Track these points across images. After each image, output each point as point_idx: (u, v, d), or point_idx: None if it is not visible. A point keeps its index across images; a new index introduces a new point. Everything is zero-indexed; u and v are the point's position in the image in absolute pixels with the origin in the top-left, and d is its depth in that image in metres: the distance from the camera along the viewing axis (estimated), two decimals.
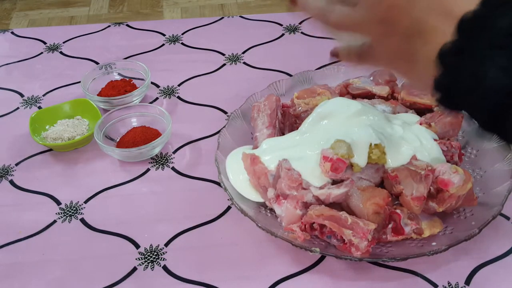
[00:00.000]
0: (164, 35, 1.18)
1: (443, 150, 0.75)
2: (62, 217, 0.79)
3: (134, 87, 0.99)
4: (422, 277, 0.68)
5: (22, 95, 1.03)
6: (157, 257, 0.72)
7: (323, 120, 0.77)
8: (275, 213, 0.72)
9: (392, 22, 0.42)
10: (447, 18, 0.38)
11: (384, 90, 0.86)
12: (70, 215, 0.79)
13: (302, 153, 0.74)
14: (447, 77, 0.38)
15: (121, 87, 0.98)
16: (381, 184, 0.73)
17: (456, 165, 0.73)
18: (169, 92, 1.02)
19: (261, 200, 0.75)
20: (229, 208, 0.78)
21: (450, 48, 0.37)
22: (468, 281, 0.67)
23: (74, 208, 0.80)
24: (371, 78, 0.90)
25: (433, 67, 0.39)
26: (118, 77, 1.03)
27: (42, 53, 1.14)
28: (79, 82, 0.99)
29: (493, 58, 0.35)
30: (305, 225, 0.68)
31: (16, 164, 0.88)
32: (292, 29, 1.17)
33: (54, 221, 0.78)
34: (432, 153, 0.74)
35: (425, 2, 0.40)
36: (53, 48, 1.15)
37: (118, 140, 0.90)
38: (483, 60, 0.36)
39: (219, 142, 0.81)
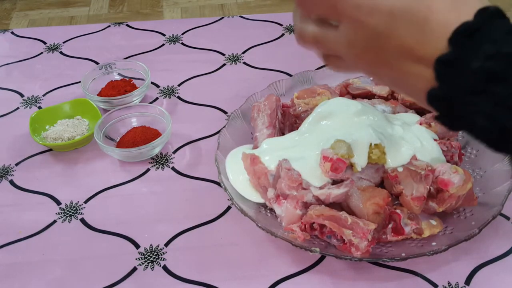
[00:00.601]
0: (164, 35, 1.18)
1: (443, 150, 0.75)
2: (62, 217, 0.79)
3: (134, 87, 0.99)
4: (422, 277, 0.68)
5: (22, 95, 1.03)
6: (157, 257, 0.72)
7: (323, 120, 0.77)
8: (275, 213, 0.72)
9: (379, 47, 0.41)
10: (421, 63, 0.38)
11: (384, 90, 0.86)
12: (70, 215, 0.79)
13: (302, 153, 0.74)
14: (443, 117, 0.38)
15: (121, 87, 0.98)
16: (381, 184, 0.73)
17: (456, 165, 0.73)
18: (169, 92, 1.02)
19: (261, 200, 0.75)
20: (229, 208, 0.78)
21: (435, 95, 0.37)
22: (468, 281, 0.68)
23: (74, 208, 0.80)
24: (371, 78, 0.90)
25: (428, 83, 0.38)
26: (118, 77, 1.03)
27: (42, 53, 1.14)
28: (79, 82, 0.99)
29: (477, 105, 0.35)
30: (305, 225, 0.68)
31: (16, 164, 0.88)
32: (292, 29, 1.17)
33: (54, 221, 0.78)
34: (432, 153, 0.74)
35: (394, 48, 0.39)
36: (53, 48, 1.15)
37: (118, 140, 0.90)
38: (469, 107, 0.35)
39: (219, 142, 0.81)
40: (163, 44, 1.15)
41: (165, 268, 0.71)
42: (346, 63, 0.45)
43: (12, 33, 1.21)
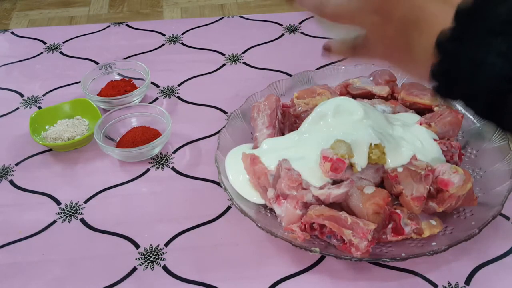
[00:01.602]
0: (164, 35, 1.18)
1: (443, 150, 0.75)
2: (62, 217, 0.79)
3: (134, 87, 0.99)
4: (422, 277, 0.68)
5: (22, 95, 1.03)
6: (157, 257, 0.72)
7: (322, 120, 0.77)
8: (275, 213, 0.72)
9: (387, 11, 0.41)
10: (444, 5, 0.38)
11: (384, 90, 0.86)
12: (70, 215, 0.79)
13: (302, 153, 0.74)
14: (445, 64, 0.38)
15: (121, 87, 0.98)
16: (381, 184, 0.73)
17: (456, 165, 0.73)
18: (169, 92, 1.02)
19: (261, 201, 0.75)
20: (229, 208, 0.78)
21: (448, 35, 0.37)
22: (468, 281, 0.67)
23: (74, 208, 0.80)
24: (371, 78, 0.90)
25: (430, 56, 0.38)
26: (118, 77, 1.03)
27: (42, 53, 1.14)
28: (79, 82, 0.99)
29: (491, 44, 0.35)
30: (305, 225, 0.68)
31: (16, 164, 0.88)
32: (292, 29, 1.17)
33: (54, 221, 0.78)
34: (432, 153, 0.74)
35: None
36: (53, 48, 1.15)
37: (118, 140, 0.90)
38: (481, 46, 0.35)
39: (219, 142, 0.81)
40: (163, 44, 1.15)
41: (165, 268, 0.71)
42: (344, 26, 0.45)
43: (12, 33, 1.21)
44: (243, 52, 1.11)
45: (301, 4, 0.50)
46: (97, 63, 1.10)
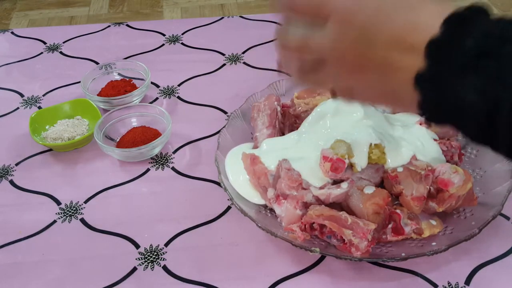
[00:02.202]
0: (164, 35, 1.18)
1: (443, 150, 0.75)
2: (62, 217, 0.79)
3: (134, 87, 0.99)
4: (422, 277, 0.68)
5: (22, 95, 1.03)
6: (157, 257, 0.72)
7: (322, 120, 0.77)
8: (275, 213, 0.72)
9: (363, 55, 0.41)
10: (411, 51, 0.38)
11: None
12: (70, 215, 0.79)
13: (302, 153, 0.74)
14: (429, 102, 0.38)
15: (121, 87, 0.98)
16: (381, 184, 0.73)
17: (456, 165, 0.73)
18: (169, 92, 1.02)
19: (261, 202, 0.75)
20: (229, 208, 0.78)
21: (423, 75, 0.38)
22: (468, 281, 0.67)
23: (74, 208, 0.80)
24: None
25: (413, 96, 0.39)
26: (118, 77, 1.03)
27: (42, 53, 1.14)
28: (79, 82, 0.99)
29: (466, 81, 0.35)
30: (305, 225, 0.68)
31: (16, 164, 0.88)
32: None
33: (54, 221, 0.78)
34: (432, 153, 0.74)
35: (383, 42, 0.39)
36: (53, 48, 1.15)
37: (118, 140, 0.90)
38: (458, 84, 0.36)
39: (219, 142, 0.81)
40: (163, 44, 1.15)
41: (165, 268, 0.71)
42: (327, 72, 0.45)
43: (12, 33, 1.21)
44: (243, 52, 1.11)
45: (280, 48, 0.49)
46: (97, 63, 1.10)
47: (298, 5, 0.46)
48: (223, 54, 1.11)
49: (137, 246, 0.74)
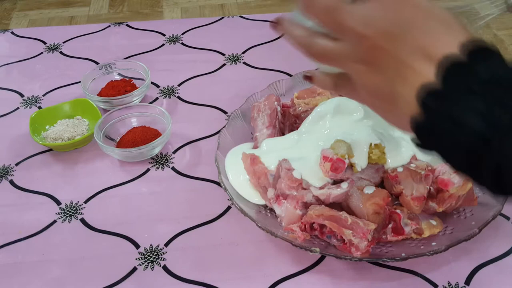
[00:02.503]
0: (164, 35, 1.18)
1: None
2: (62, 217, 0.79)
3: (134, 87, 0.99)
4: (422, 277, 0.68)
5: (22, 95, 1.03)
6: (157, 257, 0.72)
7: (322, 120, 0.77)
8: (275, 213, 0.72)
9: (374, 62, 0.42)
10: (429, 61, 0.39)
11: None
12: (70, 215, 0.79)
13: (302, 153, 0.74)
14: (425, 118, 0.39)
15: (121, 87, 0.98)
16: (381, 184, 0.73)
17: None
18: (169, 92, 1.02)
19: (261, 202, 0.75)
20: (229, 208, 0.78)
21: (429, 90, 0.38)
22: (468, 281, 0.67)
23: (74, 208, 0.80)
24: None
25: (411, 108, 0.39)
26: (118, 77, 1.03)
27: (42, 53, 1.14)
28: (79, 82, 0.99)
29: (471, 104, 0.36)
30: (305, 225, 0.68)
31: (16, 164, 0.88)
32: None
33: (54, 221, 0.78)
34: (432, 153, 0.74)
35: (409, 46, 0.40)
36: (53, 48, 1.15)
37: (118, 140, 0.90)
38: (461, 105, 0.36)
39: (219, 142, 0.81)
40: (163, 44, 1.15)
41: (165, 268, 0.71)
42: (350, 81, 0.46)
43: (12, 33, 1.21)
44: (243, 52, 1.11)
45: (288, 40, 0.50)
46: (97, 63, 1.10)
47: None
48: (223, 54, 1.11)
49: (137, 246, 0.74)
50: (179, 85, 1.03)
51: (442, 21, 0.40)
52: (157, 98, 1.01)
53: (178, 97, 1.00)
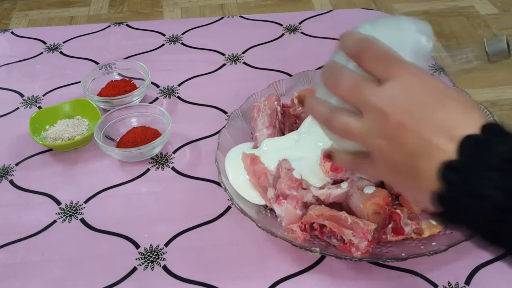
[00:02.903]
0: (164, 35, 1.18)
1: None
2: (62, 217, 0.79)
3: (134, 87, 0.99)
4: (422, 277, 0.68)
5: (22, 95, 1.03)
6: (157, 257, 0.72)
7: None
8: (275, 213, 0.72)
9: (397, 138, 0.44)
10: (450, 140, 0.41)
11: None
12: (70, 215, 0.79)
13: (302, 153, 0.74)
14: (447, 193, 0.41)
15: (121, 87, 0.98)
16: (381, 184, 0.73)
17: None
18: (169, 92, 1.02)
19: (261, 202, 0.75)
20: (229, 208, 0.78)
21: (451, 165, 0.40)
22: (468, 281, 0.67)
23: (74, 208, 0.80)
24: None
25: (433, 185, 0.41)
26: (118, 77, 1.03)
27: (42, 53, 1.14)
28: (79, 82, 0.99)
29: (490, 179, 0.39)
30: (305, 225, 0.68)
31: (16, 164, 0.88)
32: (292, 29, 1.17)
33: (54, 221, 0.78)
34: None
35: (432, 125, 0.42)
36: (53, 48, 1.15)
37: (118, 140, 0.90)
38: (481, 180, 0.39)
39: (219, 142, 0.81)
40: (163, 44, 1.15)
41: (165, 268, 0.71)
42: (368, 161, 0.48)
43: (12, 33, 1.21)
44: (243, 52, 1.11)
45: (309, 113, 0.52)
46: (97, 63, 1.10)
47: (362, 52, 0.47)
48: (223, 54, 1.11)
49: (137, 246, 0.74)
50: (179, 85, 1.03)
51: (461, 103, 0.43)
52: (157, 98, 1.01)
53: (178, 97, 1.00)
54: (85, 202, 0.81)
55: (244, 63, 1.08)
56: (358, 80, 0.46)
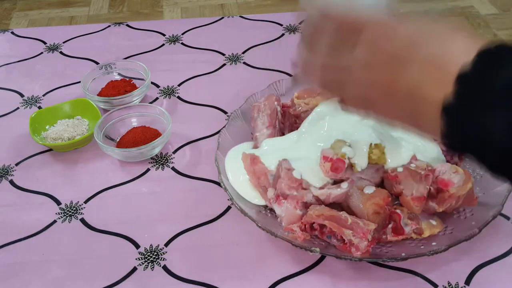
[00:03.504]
0: (164, 35, 1.18)
1: (443, 150, 0.75)
2: (62, 217, 0.79)
3: (134, 87, 0.99)
4: (422, 277, 0.68)
5: (22, 95, 1.03)
6: (157, 257, 0.72)
7: (322, 120, 0.77)
8: (275, 213, 0.72)
9: (389, 85, 0.43)
10: (441, 82, 0.39)
11: None
12: (70, 215, 0.79)
13: (302, 153, 0.74)
14: (454, 131, 0.39)
15: (121, 87, 0.98)
16: (381, 184, 0.73)
17: (456, 165, 0.73)
18: (169, 92, 1.02)
19: (261, 202, 0.75)
20: (229, 208, 0.78)
21: (451, 107, 0.39)
22: (468, 281, 0.67)
23: (74, 208, 0.80)
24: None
25: (438, 121, 0.40)
26: (118, 77, 1.03)
27: (42, 53, 1.14)
28: (79, 82, 0.99)
29: (496, 116, 0.36)
30: (305, 225, 0.68)
31: (16, 164, 0.88)
32: (292, 29, 1.17)
33: (54, 221, 0.78)
34: (432, 153, 0.74)
35: (413, 70, 0.41)
36: (53, 48, 1.15)
37: (118, 140, 0.90)
38: (486, 120, 0.37)
39: (219, 142, 0.81)
40: (163, 44, 1.15)
41: (165, 268, 0.71)
42: (351, 86, 0.47)
43: (12, 33, 1.21)
44: (243, 52, 1.11)
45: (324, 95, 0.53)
46: (97, 63, 1.10)
47: (333, 16, 0.47)
48: (223, 54, 1.11)
49: (137, 246, 0.74)
50: (179, 85, 1.03)
51: (444, 34, 0.41)
52: (157, 98, 1.01)
53: (178, 97, 1.00)
54: (85, 202, 0.81)
55: (244, 63, 1.08)
56: (328, 62, 0.46)
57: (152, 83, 1.03)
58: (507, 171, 0.39)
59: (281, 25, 1.19)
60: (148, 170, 0.86)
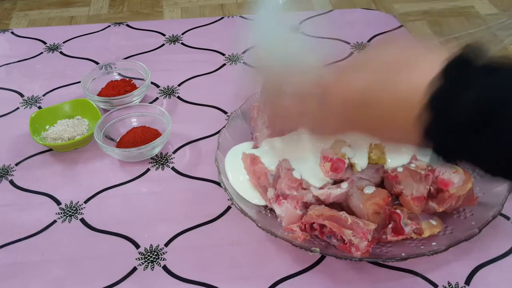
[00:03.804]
0: (164, 35, 1.18)
1: None
2: (62, 217, 0.79)
3: (134, 87, 0.99)
4: (422, 277, 0.68)
5: (22, 95, 1.03)
6: (157, 257, 0.72)
7: None
8: (275, 213, 0.72)
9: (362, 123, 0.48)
10: (414, 108, 0.42)
11: None
12: (70, 215, 0.79)
13: (302, 153, 0.74)
14: (443, 151, 0.42)
15: (121, 87, 0.98)
16: (381, 184, 0.73)
17: (456, 165, 0.73)
18: (169, 92, 1.02)
19: (261, 203, 0.75)
20: (229, 208, 0.78)
21: (431, 129, 0.42)
22: (468, 281, 0.67)
23: (74, 208, 0.80)
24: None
25: (415, 129, 0.42)
26: (118, 77, 1.03)
27: (42, 53, 1.14)
28: (79, 82, 0.99)
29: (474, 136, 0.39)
30: (305, 225, 0.68)
31: (16, 164, 0.88)
32: (295, 29, 1.17)
33: (54, 221, 0.78)
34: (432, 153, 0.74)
35: (384, 108, 0.45)
36: (53, 48, 1.15)
37: (118, 140, 0.90)
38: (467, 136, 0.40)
39: (219, 142, 0.81)
40: (163, 44, 1.15)
41: (165, 268, 0.71)
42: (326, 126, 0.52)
43: (12, 33, 1.21)
44: (243, 52, 1.11)
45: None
46: (97, 63, 1.10)
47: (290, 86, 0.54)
48: (223, 54, 1.11)
49: (137, 246, 0.74)
50: (179, 85, 1.03)
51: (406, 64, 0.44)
52: (157, 98, 1.01)
53: (178, 97, 1.00)
54: (85, 202, 0.81)
55: (244, 63, 1.08)
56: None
57: (152, 83, 1.03)
58: (505, 172, 0.40)
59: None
60: (148, 170, 0.86)
